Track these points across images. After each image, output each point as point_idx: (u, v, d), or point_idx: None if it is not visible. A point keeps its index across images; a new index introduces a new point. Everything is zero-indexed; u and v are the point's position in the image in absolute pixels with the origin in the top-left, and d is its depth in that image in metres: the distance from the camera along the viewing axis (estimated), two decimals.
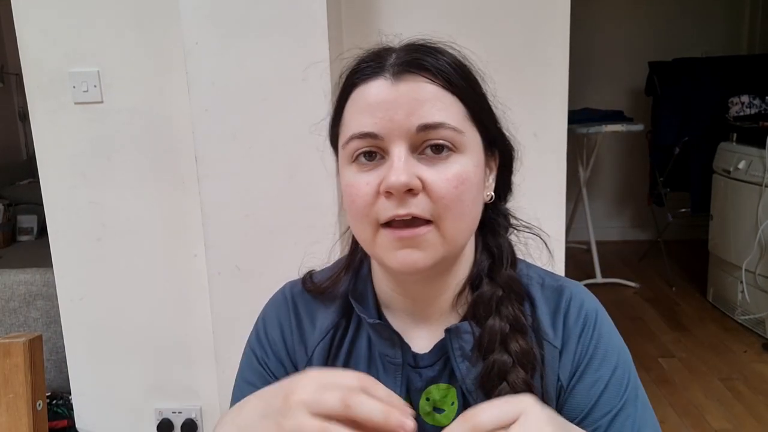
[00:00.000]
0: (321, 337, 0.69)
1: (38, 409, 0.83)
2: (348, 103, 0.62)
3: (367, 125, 0.58)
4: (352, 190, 0.59)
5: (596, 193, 4.31)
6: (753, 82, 3.30)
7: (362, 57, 0.63)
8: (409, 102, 0.57)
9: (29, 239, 3.34)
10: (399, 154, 0.57)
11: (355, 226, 0.62)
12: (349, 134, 0.60)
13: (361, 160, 0.59)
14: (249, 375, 0.71)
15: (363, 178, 0.59)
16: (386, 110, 0.57)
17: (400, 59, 0.59)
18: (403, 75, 0.58)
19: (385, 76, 0.59)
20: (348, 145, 0.60)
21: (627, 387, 0.64)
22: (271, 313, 0.73)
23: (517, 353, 0.62)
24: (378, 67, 0.60)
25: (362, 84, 0.60)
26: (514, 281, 0.66)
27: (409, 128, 0.57)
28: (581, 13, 2.56)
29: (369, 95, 0.59)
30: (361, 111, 0.59)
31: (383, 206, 0.58)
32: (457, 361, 0.64)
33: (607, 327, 0.67)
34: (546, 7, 1.47)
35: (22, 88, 1.62)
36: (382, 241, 0.59)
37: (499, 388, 0.61)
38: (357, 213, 0.60)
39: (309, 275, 0.74)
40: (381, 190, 0.57)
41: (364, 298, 0.69)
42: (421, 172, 0.57)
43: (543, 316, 0.66)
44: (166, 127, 1.58)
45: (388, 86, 0.58)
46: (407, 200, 0.57)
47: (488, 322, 0.63)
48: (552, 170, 1.51)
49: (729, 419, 2.18)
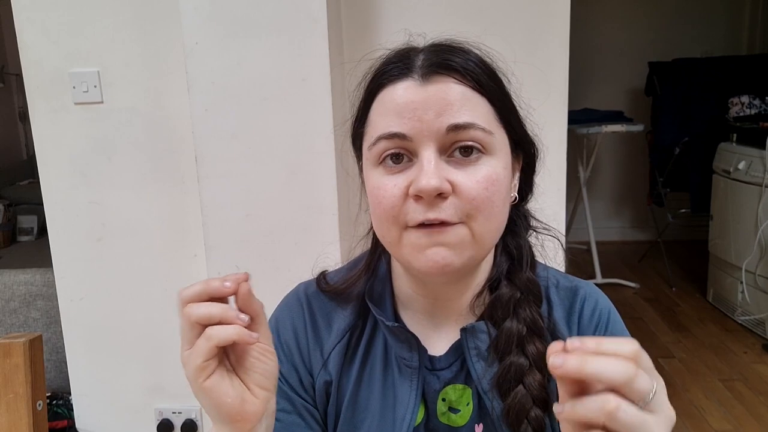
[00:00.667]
0: (338, 339, 0.68)
1: (38, 409, 0.83)
2: (374, 104, 0.61)
3: (396, 126, 0.57)
4: (379, 192, 0.58)
5: (596, 193, 4.31)
6: (753, 82, 3.30)
7: (388, 58, 0.61)
8: (438, 102, 0.56)
9: (29, 239, 3.34)
10: (429, 157, 0.56)
11: (380, 228, 0.61)
12: (376, 135, 0.59)
13: (388, 162, 0.58)
14: None
15: (390, 180, 0.58)
16: (415, 111, 0.57)
17: (428, 60, 0.58)
18: (431, 76, 0.57)
19: (413, 77, 0.58)
20: (375, 147, 0.59)
21: None
22: (284, 316, 0.72)
23: (533, 356, 0.62)
24: (405, 67, 0.59)
25: (389, 85, 0.59)
26: (533, 283, 0.66)
27: (439, 129, 0.56)
28: (581, 13, 2.56)
29: (397, 96, 0.58)
30: (388, 112, 0.58)
31: (412, 209, 0.57)
32: (473, 361, 0.64)
33: (619, 327, 0.68)
34: (546, 7, 1.47)
35: (22, 89, 1.62)
36: (410, 241, 0.58)
37: (515, 390, 0.61)
38: (384, 215, 0.59)
39: (323, 276, 0.73)
40: (410, 193, 0.56)
41: (381, 299, 0.68)
42: (451, 175, 0.56)
43: (558, 317, 0.67)
44: (166, 127, 1.58)
45: (416, 87, 0.57)
46: (437, 204, 0.56)
47: (505, 324, 0.63)
48: (552, 170, 1.50)
49: (729, 420, 2.18)
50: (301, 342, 0.70)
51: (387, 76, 0.60)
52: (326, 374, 0.68)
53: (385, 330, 0.66)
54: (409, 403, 0.65)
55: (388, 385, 0.67)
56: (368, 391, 0.67)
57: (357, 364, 0.68)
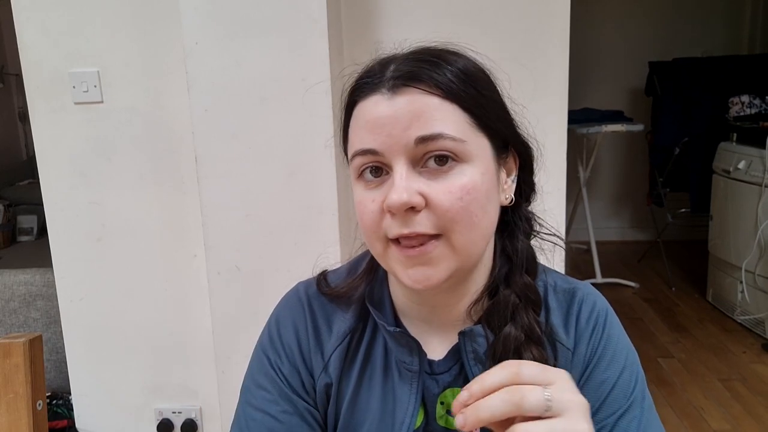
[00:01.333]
0: (339, 341, 0.68)
1: (38, 409, 0.83)
2: (351, 121, 0.62)
3: (367, 142, 0.58)
4: (361, 207, 0.60)
5: (596, 193, 4.32)
6: (753, 82, 3.30)
7: (361, 72, 0.62)
8: (405, 115, 0.56)
9: (29, 239, 3.34)
10: (400, 171, 0.56)
11: (368, 242, 0.62)
12: (352, 151, 0.60)
13: (367, 176, 0.59)
14: (260, 378, 0.70)
15: (369, 195, 0.59)
16: (384, 126, 0.57)
17: (396, 72, 0.58)
18: (399, 89, 0.57)
19: (382, 91, 0.58)
20: (353, 162, 0.60)
21: (634, 388, 0.64)
22: (285, 316, 0.71)
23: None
24: (376, 82, 0.59)
25: (362, 101, 0.60)
26: (531, 289, 0.65)
27: (408, 142, 0.56)
28: (581, 13, 2.56)
29: (367, 112, 0.59)
30: (361, 128, 0.59)
31: (388, 224, 0.57)
32: (471, 364, 0.64)
33: (616, 329, 0.67)
34: (546, 7, 1.47)
35: (22, 89, 1.62)
36: (393, 257, 0.59)
37: None
38: (366, 230, 0.60)
39: (323, 276, 0.73)
40: (384, 208, 0.57)
41: (381, 304, 0.68)
42: (423, 187, 0.56)
43: (556, 319, 0.66)
44: (166, 127, 1.58)
45: (384, 101, 0.57)
46: (410, 218, 0.56)
47: (503, 331, 0.63)
48: (552, 170, 1.51)
49: (728, 420, 2.18)
50: (302, 343, 0.69)
51: (359, 92, 0.60)
52: (327, 377, 0.68)
53: (386, 334, 0.66)
54: (409, 406, 0.65)
55: (388, 388, 0.66)
56: (368, 394, 0.67)
57: (357, 367, 0.68)
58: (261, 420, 0.67)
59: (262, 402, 0.68)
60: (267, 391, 0.68)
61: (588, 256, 3.62)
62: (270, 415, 0.67)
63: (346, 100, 0.63)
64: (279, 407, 0.68)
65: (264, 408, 0.68)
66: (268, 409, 0.68)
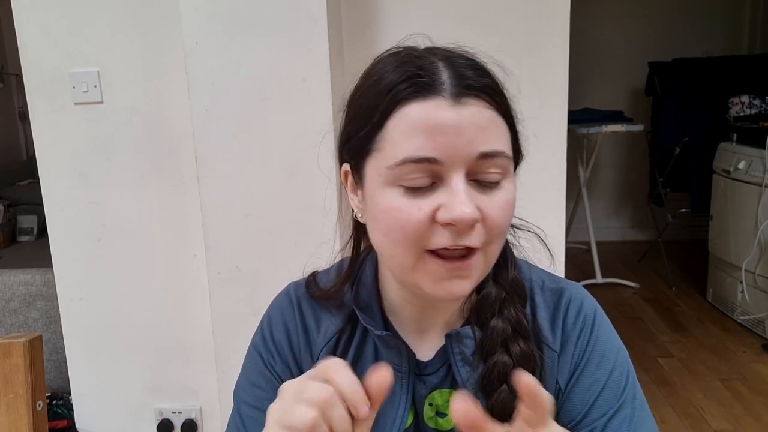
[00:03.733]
0: (326, 341, 0.69)
1: (38, 409, 0.83)
2: (393, 120, 0.56)
3: (426, 149, 0.54)
4: (401, 215, 0.55)
5: (596, 193, 4.31)
6: (753, 82, 3.30)
7: (406, 67, 0.56)
8: (471, 127, 0.54)
9: (29, 239, 3.34)
10: (460, 184, 0.54)
11: (394, 251, 0.58)
12: (401, 156, 0.54)
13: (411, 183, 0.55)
14: (255, 377, 0.70)
15: (414, 203, 0.55)
16: (447, 135, 0.53)
17: (457, 78, 0.55)
18: (463, 97, 0.54)
19: (443, 95, 0.54)
20: (399, 168, 0.55)
21: (624, 389, 0.64)
22: (276, 315, 0.72)
23: (517, 355, 0.62)
24: (432, 83, 0.55)
25: (414, 101, 0.55)
26: (517, 283, 0.66)
27: (470, 155, 0.54)
28: (581, 13, 2.56)
29: (426, 116, 0.54)
30: (416, 132, 0.54)
31: (438, 234, 0.55)
32: (458, 366, 0.64)
33: (604, 329, 0.67)
34: (546, 7, 1.47)
35: (22, 89, 1.62)
36: (427, 269, 0.57)
37: (499, 390, 0.61)
38: (402, 239, 0.56)
39: (313, 277, 0.73)
40: (440, 219, 0.54)
41: (369, 308, 0.68)
42: (478, 201, 0.55)
43: (542, 320, 0.66)
44: (166, 127, 1.58)
45: (447, 108, 0.54)
46: (465, 231, 0.55)
47: (491, 323, 0.63)
48: (552, 170, 1.51)
49: (728, 419, 2.18)
50: (293, 341, 0.70)
51: (411, 91, 0.55)
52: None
53: (375, 338, 0.66)
54: (400, 407, 0.65)
55: None
56: None
57: None
58: (256, 417, 0.67)
59: (256, 400, 0.68)
60: (262, 389, 0.69)
61: (588, 256, 3.63)
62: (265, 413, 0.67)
63: (383, 97, 0.56)
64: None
65: (259, 405, 0.68)
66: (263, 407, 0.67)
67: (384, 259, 0.62)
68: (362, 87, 0.61)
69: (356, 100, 0.61)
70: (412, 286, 0.60)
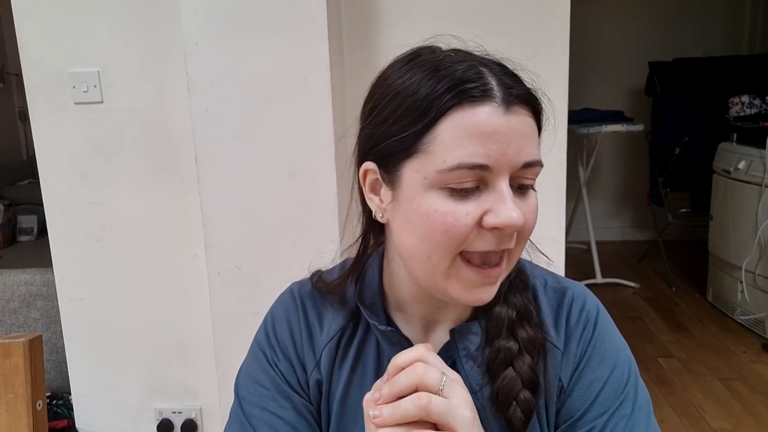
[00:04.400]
0: (328, 339, 0.69)
1: (38, 409, 0.83)
2: (445, 123, 0.55)
3: (480, 156, 0.54)
4: (448, 219, 0.55)
5: (596, 193, 4.32)
6: (753, 82, 3.30)
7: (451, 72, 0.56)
8: (518, 136, 0.55)
9: (29, 239, 3.34)
10: (506, 190, 0.55)
11: (432, 253, 0.57)
12: (455, 161, 0.54)
13: (457, 186, 0.56)
14: (258, 375, 0.70)
15: (462, 208, 0.55)
16: (499, 142, 0.54)
17: (504, 86, 0.56)
18: (512, 106, 0.55)
19: (495, 102, 0.55)
20: (451, 173, 0.55)
21: (625, 387, 0.64)
22: (279, 313, 0.72)
23: (523, 340, 0.63)
24: (484, 90, 0.55)
25: (468, 105, 0.54)
26: (520, 271, 0.67)
27: (516, 163, 0.56)
28: (581, 13, 2.56)
29: (482, 122, 0.54)
30: (471, 138, 0.54)
31: (480, 238, 0.56)
32: (462, 362, 0.64)
33: (607, 328, 0.67)
34: (546, 7, 1.47)
35: (22, 88, 1.62)
36: (460, 276, 0.58)
37: (504, 372, 0.62)
38: (447, 243, 0.56)
39: (317, 275, 0.73)
40: (487, 223, 0.55)
41: (373, 304, 0.68)
42: (520, 207, 0.57)
43: (546, 318, 0.66)
44: (166, 127, 1.58)
45: (500, 115, 0.54)
46: (510, 236, 0.57)
47: (495, 310, 0.64)
48: (552, 170, 1.51)
49: (728, 419, 2.18)
50: (296, 339, 0.70)
51: (464, 96, 0.55)
52: (318, 373, 0.69)
53: (378, 333, 0.67)
54: None
55: None
56: (360, 392, 0.67)
57: (348, 365, 0.68)
58: (260, 416, 0.67)
59: (260, 398, 0.68)
60: (265, 387, 0.69)
61: (588, 256, 3.63)
62: (269, 411, 0.68)
63: (435, 99, 0.55)
64: (277, 403, 0.68)
65: (263, 404, 0.68)
66: (267, 406, 0.68)
67: (414, 261, 0.60)
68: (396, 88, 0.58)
69: (389, 101, 0.59)
70: (438, 290, 0.60)
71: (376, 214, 0.64)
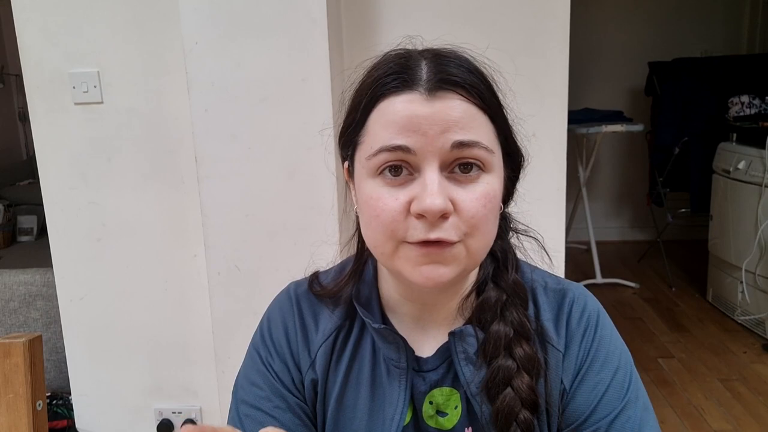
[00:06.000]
0: (324, 339, 0.69)
1: (38, 409, 0.83)
2: (374, 114, 0.59)
3: (400, 138, 0.56)
4: (378, 204, 0.58)
5: (596, 193, 4.32)
6: (753, 82, 3.30)
7: (388, 66, 0.60)
8: (444, 119, 0.56)
9: (29, 239, 3.34)
10: (432, 175, 0.56)
11: (375, 239, 0.60)
12: (377, 146, 0.57)
13: (387, 174, 0.58)
14: (253, 376, 0.71)
15: (391, 194, 0.57)
16: (420, 125, 0.56)
17: (433, 73, 0.57)
18: (437, 91, 0.57)
19: (419, 90, 0.57)
20: (376, 158, 0.58)
21: (628, 389, 0.64)
22: (275, 314, 0.73)
23: (521, 358, 0.62)
24: (409, 79, 0.58)
25: (392, 95, 0.58)
26: (519, 286, 0.66)
27: (443, 145, 0.56)
28: (581, 13, 2.57)
29: (401, 108, 0.57)
30: (391, 124, 0.57)
31: (412, 227, 0.57)
32: (461, 365, 0.64)
33: (608, 329, 0.67)
34: (546, 7, 1.47)
35: (22, 89, 1.62)
36: (406, 256, 0.58)
37: (504, 393, 0.61)
38: (380, 228, 0.58)
39: (315, 276, 0.73)
40: (413, 210, 0.56)
41: (368, 302, 0.69)
42: (452, 193, 0.57)
43: (546, 320, 0.66)
44: (166, 128, 1.58)
45: (422, 101, 0.56)
46: (439, 223, 0.56)
47: (492, 327, 0.63)
48: (552, 170, 1.51)
49: (728, 420, 2.18)
50: (291, 339, 0.70)
51: (389, 87, 0.58)
52: (313, 373, 0.69)
53: (373, 332, 0.67)
54: (398, 403, 0.65)
55: (377, 385, 0.67)
56: (356, 391, 0.68)
57: (344, 365, 0.68)
58: (254, 416, 0.68)
59: (255, 399, 0.69)
60: (259, 387, 0.69)
61: (588, 256, 3.63)
62: (263, 411, 0.68)
63: (367, 92, 0.60)
64: (272, 403, 0.68)
65: (257, 404, 0.68)
66: (262, 406, 0.68)
67: (370, 249, 0.63)
68: (355, 85, 0.64)
69: (350, 98, 0.64)
70: (396, 274, 0.62)
71: (355, 208, 0.66)
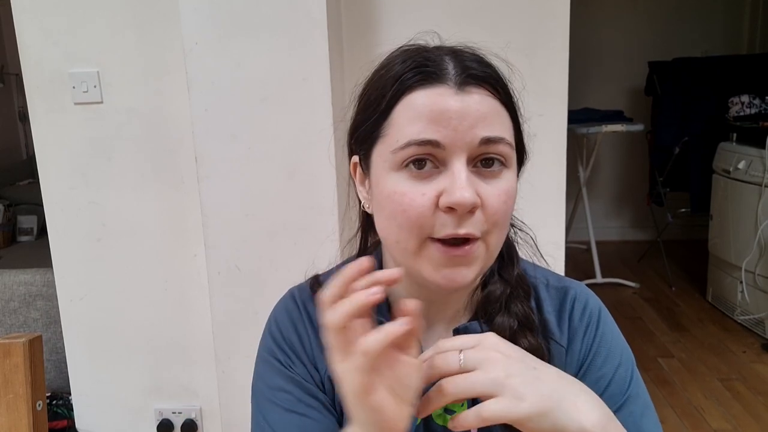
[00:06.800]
0: None
1: (38, 409, 0.83)
2: (400, 107, 0.58)
3: (429, 132, 0.56)
4: (405, 199, 0.57)
5: (596, 193, 4.31)
6: (753, 82, 3.30)
7: (414, 59, 0.59)
8: (474, 114, 0.56)
9: (29, 239, 3.34)
10: (461, 169, 0.56)
11: (397, 235, 0.59)
12: (405, 139, 0.57)
13: (412, 167, 0.57)
14: (278, 381, 0.68)
15: (418, 188, 0.57)
16: (450, 119, 0.56)
17: (461, 68, 0.58)
18: (466, 86, 0.57)
19: (449, 84, 0.57)
20: (403, 151, 0.57)
21: (629, 385, 0.65)
22: (283, 317, 0.71)
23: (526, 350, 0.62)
24: (437, 73, 0.57)
25: (420, 89, 0.57)
26: (522, 279, 0.67)
27: (472, 140, 0.56)
28: (581, 13, 2.56)
29: (431, 102, 0.56)
30: (420, 117, 0.56)
31: (440, 222, 0.56)
32: None
33: (610, 326, 0.68)
34: (546, 7, 1.47)
35: (22, 89, 1.62)
36: (430, 256, 0.58)
37: None
38: (407, 223, 0.57)
39: (315, 279, 0.73)
40: (441, 204, 0.56)
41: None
42: (479, 188, 0.57)
43: (549, 316, 0.67)
44: (166, 127, 1.58)
45: (452, 95, 0.56)
46: (467, 218, 0.56)
47: (497, 320, 0.64)
48: (552, 170, 1.51)
49: (728, 419, 2.18)
50: (304, 340, 0.70)
51: (415, 80, 0.58)
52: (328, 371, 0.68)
53: (379, 326, 0.66)
54: None
55: None
56: None
57: None
58: (291, 420, 0.66)
59: (287, 403, 0.67)
60: (287, 392, 0.67)
61: (588, 256, 3.63)
62: (299, 414, 0.66)
63: (390, 86, 0.59)
64: (305, 403, 0.67)
65: (292, 408, 0.66)
66: (297, 409, 0.66)
67: (388, 245, 0.62)
68: (371, 79, 0.63)
69: (365, 92, 0.63)
70: (414, 273, 0.61)
71: (364, 205, 0.66)
